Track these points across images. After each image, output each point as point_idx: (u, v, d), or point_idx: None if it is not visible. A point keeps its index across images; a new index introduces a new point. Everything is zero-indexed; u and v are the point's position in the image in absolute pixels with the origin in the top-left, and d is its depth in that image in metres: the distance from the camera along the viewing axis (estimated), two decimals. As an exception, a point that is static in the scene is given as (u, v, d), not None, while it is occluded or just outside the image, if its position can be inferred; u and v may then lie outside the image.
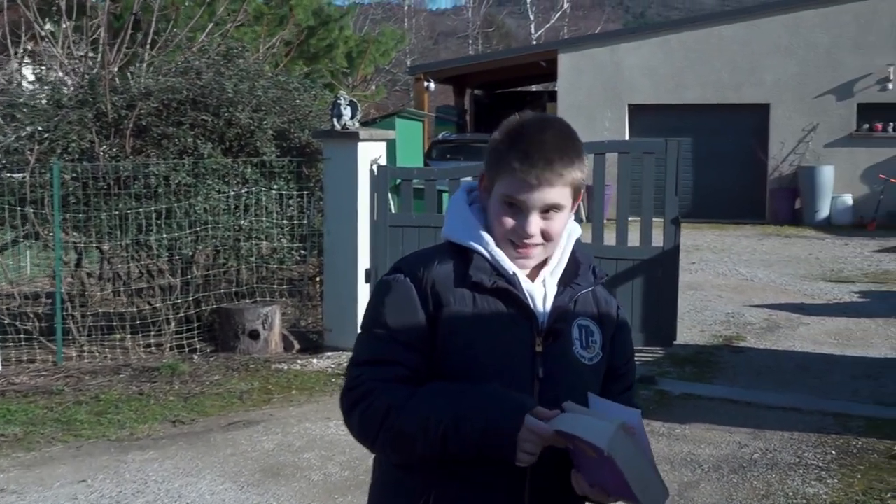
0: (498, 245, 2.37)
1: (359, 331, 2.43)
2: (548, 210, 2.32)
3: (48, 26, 13.46)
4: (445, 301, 2.32)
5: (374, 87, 26.88)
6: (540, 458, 2.19)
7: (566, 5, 60.38)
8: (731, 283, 13.81)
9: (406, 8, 63.17)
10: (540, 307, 2.36)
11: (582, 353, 2.39)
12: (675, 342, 9.39)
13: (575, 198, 2.39)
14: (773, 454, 6.63)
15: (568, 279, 2.42)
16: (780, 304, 12.05)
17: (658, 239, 9.22)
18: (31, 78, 12.02)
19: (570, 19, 61.22)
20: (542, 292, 2.38)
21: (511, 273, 2.35)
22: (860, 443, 6.85)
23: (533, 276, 2.41)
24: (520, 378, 2.31)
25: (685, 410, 7.69)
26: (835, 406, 7.76)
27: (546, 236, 2.33)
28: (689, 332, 10.42)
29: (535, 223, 2.31)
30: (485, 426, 2.17)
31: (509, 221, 2.33)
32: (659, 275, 9.15)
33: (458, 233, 2.42)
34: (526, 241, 2.33)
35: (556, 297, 2.38)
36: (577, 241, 2.49)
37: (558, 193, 2.31)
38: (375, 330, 2.35)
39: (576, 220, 2.53)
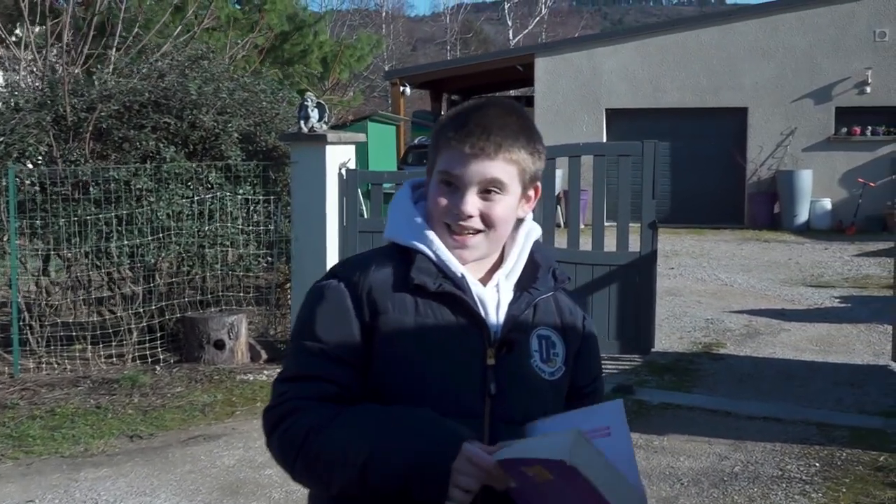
0: (435, 231, 2.11)
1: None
2: (488, 190, 2.07)
3: (18, 31, 13.15)
4: (383, 308, 2.06)
5: (351, 93, 26.63)
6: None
7: (544, 11, 60.34)
8: (711, 288, 13.59)
9: (384, 14, 63.03)
10: (492, 314, 2.09)
11: (542, 367, 2.12)
12: (653, 350, 9.15)
13: (525, 184, 2.13)
14: (754, 467, 6.38)
15: (525, 283, 2.15)
16: (760, 310, 11.82)
17: (635, 244, 8.98)
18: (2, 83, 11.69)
19: (548, 25, 61.20)
20: (494, 298, 2.11)
21: (459, 275, 2.08)
22: (845, 454, 6.60)
23: (486, 280, 2.14)
24: (468, 395, 2.04)
25: (664, 420, 7.43)
26: (818, 415, 7.51)
27: (487, 220, 2.08)
28: (667, 339, 10.17)
29: (472, 202, 2.06)
30: (411, 456, 1.90)
31: (443, 201, 2.08)
32: (636, 280, 8.91)
33: (401, 232, 2.16)
34: (462, 222, 2.07)
35: (511, 303, 2.12)
36: (537, 243, 2.23)
37: (499, 168, 2.06)
38: (304, 342, 2.08)
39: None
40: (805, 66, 21.69)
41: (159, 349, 9.17)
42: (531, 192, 2.18)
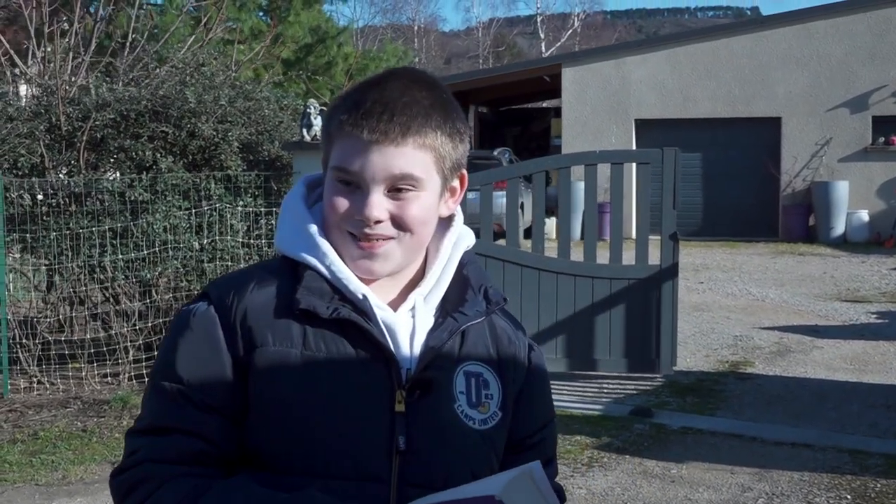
0: (333, 244, 1.63)
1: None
2: (398, 187, 1.59)
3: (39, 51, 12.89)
4: (261, 339, 1.59)
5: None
6: None
7: (577, 24, 59.92)
8: (741, 303, 13.01)
9: (416, 28, 62.93)
10: (404, 346, 1.61)
11: (469, 414, 1.64)
12: (675, 369, 8.62)
13: (445, 175, 1.65)
14: (779, 499, 5.84)
15: (450, 306, 1.67)
16: (792, 326, 11.24)
17: (655, 257, 8.47)
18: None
19: (581, 39, 60.66)
20: (408, 325, 1.64)
21: (360, 296, 1.60)
22: (879, 485, 6.04)
23: (398, 302, 1.66)
24: (368, 452, 1.56)
25: (684, 447, 6.89)
26: (851, 441, 6.94)
27: (399, 223, 1.60)
28: (692, 357, 9.62)
29: (378, 203, 1.59)
30: None
31: (341, 203, 1.60)
32: (656, 295, 8.38)
33: (289, 242, 1.68)
34: (367, 230, 1.59)
35: (430, 331, 1.64)
36: (469, 254, 1.74)
37: (410, 158, 1.59)
38: (161, 383, 1.61)
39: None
40: (840, 75, 21.05)
41: (157, 368, 8.75)
42: (455, 184, 1.71)
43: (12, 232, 8.50)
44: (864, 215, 20.56)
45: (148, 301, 8.89)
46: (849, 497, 5.85)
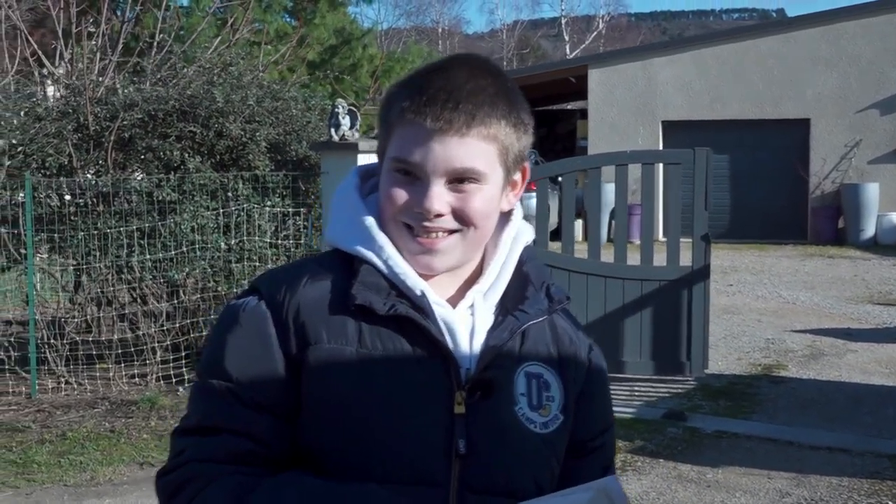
0: (392, 238, 1.54)
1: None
2: (461, 178, 1.51)
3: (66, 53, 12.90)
4: (315, 336, 1.51)
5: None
6: None
7: (602, 26, 59.71)
8: (771, 306, 12.86)
9: (440, 31, 62.89)
10: (463, 345, 1.53)
11: (530, 417, 1.56)
12: (707, 371, 8.51)
13: (509, 167, 1.56)
14: (819, 504, 5.73)
15: (510, 304, 1.59)
16: (824, 329, 11.08)
17: (686, 258, 8.35)
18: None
19: (605, 41, 60.38)
20: (467, 323, 1.55)
21: (418, 293, 1.52)
22: (921, 491, 5.92)
23: (456, 299, 1.58)
24: (428, 456, 1.49)
25: (718, 451, 6.78)
26: (889, 447, 6.81)
27: (462, 217, 1.52)
28: (723, 360, 9.50)
29: (439, 195, 1.50)
30: None
31: (399, 195, 1.52)
32: (688, 297, 8.27)
33: (343, 235, 1.60)
34: (427, 223, 1.51)
35: (490, 330, 1.55)
36: (528, 250, 1.65)
37: (473, 150, 1.50)
38: (210, 381, 1.53)
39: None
40: (870, 76, 20.82)
41: (184, 369, 8.71)
42: (517, 177, 1.62)
43: (40, 232, 8.48)
44: (895, 218, 20.32)
45: (175, 302, 8.85)
46: (891, 503, 5.72)
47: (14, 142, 8.60)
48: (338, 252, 1.60)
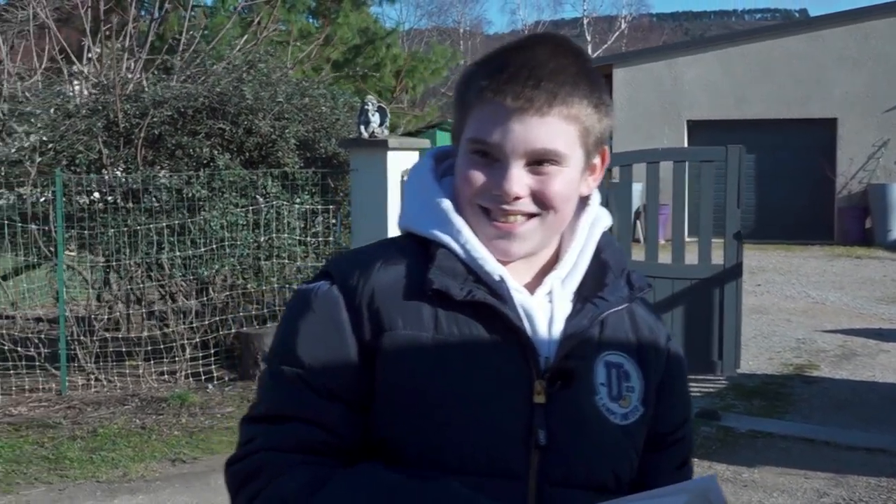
0: (468, 222, 1.50)
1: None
2: (540, 160, 1.45)
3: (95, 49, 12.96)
4: (389, 323, 1.46)
5: (426, 108, 26.44)
6: None
7: (624, 26, 59.53)
8: (801, 306, 12.76)
9: (462, 31, 62.86)
10: (542, 333, 1.48)
11: (610, 407, 1.51)
12: (739, 371, 8.43)
13: (589, 150, 1.51)
14: (858, 505, 5.65)
15: (589, 291, 1.54)
16: (855, 329, 10.98)
17: (718, 256, 8.28)
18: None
19: (628, 41, 60.21)
20: (546, 310, 1.51)
21: (496, 278, 1.48)
22: (962, 492, 5.84)
23: (534, 285, 1.53)
24: (506, 447, 1.44)
25: (753, 451, 6.71)
26: (928, 447, 6.73)
27: (541, 200, 1.47)
28: (755, 359, 9.41)
29: (518, 177, 1.45)
30: None
31: (477, 177, 1.47)
32: (720, 296, 8.20)
33: (418, 219, 1.55)
34: (506, 206, 1.46)
35: (569, 317, 1.50)
36: (606, 236, 1.60)
37: (554, 130, 1.45)
38: (281, 367, 1.48)
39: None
40: (898, 75, 20.66)
41: (213, 366, 8.71)
42: (596, 161, 1.57)
43: (70, 229, 8.49)
44: (923, 218, 20.16)
45: (204, 299, 8.85)
46: (931, 503, 5.65)
47: (45, 139, 8.60)
48: (412, 236, 1.55)
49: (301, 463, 1.43)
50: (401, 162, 8.80)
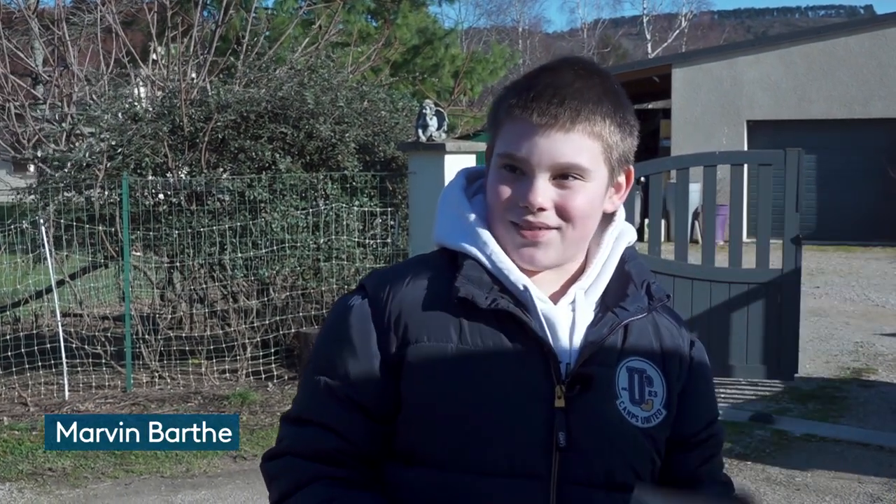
0: (496, 235, 1.61)
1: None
2: (564, 174, 1.56)
3: (160, 50, 13.25)
4: (416, 335, 1.58)
5: (484, 108, 26.43)
6: None
7: (684, 24, 59.02)
8: (860, 309, 12.65)
9: (520, 30, 62.78)
10: (564, 341, 1.59)
11: (632, 411, 1.60)
12: (796, 375, 8.42)
13: (613, 167, 1.61)
14: (912, 511, 5.66)
15: (611, 301, 1.64)
16: (916, 334, 10.89)
17: (777, 261, 8.28)
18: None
19: (688, 39, 59.71)
20: (568, 319, 1.61)
21: (521, 287, 1.58)
22: None
23: (558, 296, 1.63)
24: (528, 448, 1.55)
25: (807, 454, 6.73)
26: None
27: (563, 213, 1.57)
28: (811, 363, 9.39)
29: (543, 189, 1.56)
30: None
31: (504, 190, 1.58)
32: (778, 300, 8.19)
33: (449, 233, 1.66)
34: (530, 217, 1.57)
35: (590, 325, 1.60)
36: (630, 250, 1.70)
37: (578, 146, 1.56)
38: (313, 373, 1.63)
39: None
40: (965, 74, 20.33)
41: (273, 365, 8.89)
42: (621, 179, 1.67)
43: (136, 230, 8.72)
44: None
45: (265, 299, 9.03)
46: None
47: (113, 143, 8.84)
48: (444, 251, 1.67)
49: (315, 478, 1.56)
50: (458, 165, 8.91)
